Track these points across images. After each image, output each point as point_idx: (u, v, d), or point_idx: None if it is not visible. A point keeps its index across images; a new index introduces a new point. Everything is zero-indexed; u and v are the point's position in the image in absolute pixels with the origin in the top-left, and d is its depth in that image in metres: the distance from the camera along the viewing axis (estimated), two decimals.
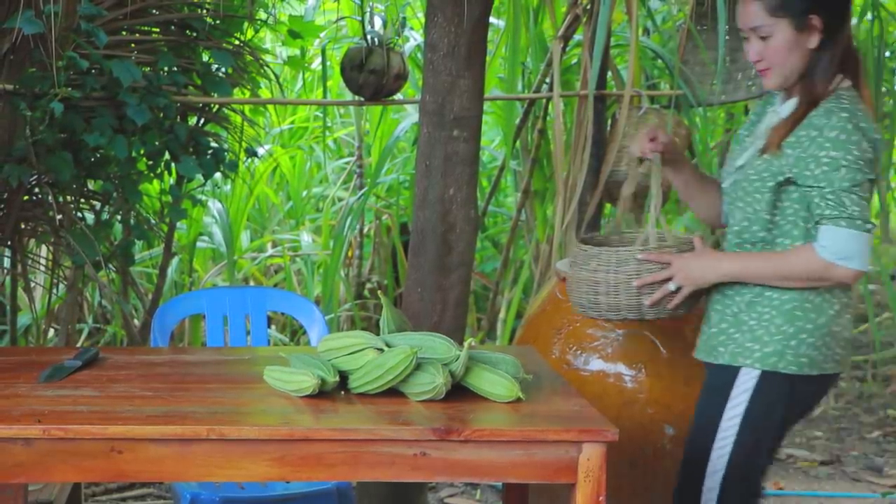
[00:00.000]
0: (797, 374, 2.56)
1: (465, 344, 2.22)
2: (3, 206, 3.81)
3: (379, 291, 2.44)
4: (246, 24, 4.18)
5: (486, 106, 4.83)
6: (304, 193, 6.46)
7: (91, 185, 4.11)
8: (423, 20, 3.95)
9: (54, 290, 4.35)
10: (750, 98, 5.10)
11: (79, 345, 4.60)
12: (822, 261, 2.49)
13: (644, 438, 3.25)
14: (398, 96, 4.63)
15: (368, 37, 4.17)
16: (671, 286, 2.63)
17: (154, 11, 4.00)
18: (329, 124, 6.21)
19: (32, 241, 4.25)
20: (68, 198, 3.93)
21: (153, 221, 4.32)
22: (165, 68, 3.83)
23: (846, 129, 2.51)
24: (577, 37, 5.13)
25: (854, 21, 6.33)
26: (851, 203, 2.48)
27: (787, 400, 2.60)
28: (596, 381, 3.24)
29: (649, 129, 2.80)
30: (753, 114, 2.84)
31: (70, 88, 3.58)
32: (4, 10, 3.62)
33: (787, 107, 2.64)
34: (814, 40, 2.56)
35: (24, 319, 4.62)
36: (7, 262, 4.18)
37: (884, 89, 5.35)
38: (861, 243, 2.50)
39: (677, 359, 3.28)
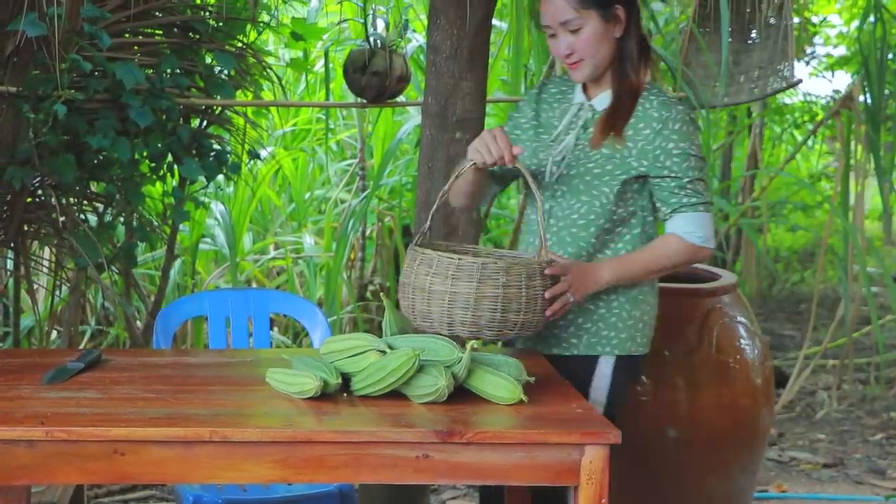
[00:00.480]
0: (642, 353, 2.75)
1: (468, 346, 2.22)
2: (6, 208, 3.82)
3: (381, 294, 2.44)
4: (249, 27, 4.18)
5: (489, 108, 4.83)
6: (307, 195, 6.47)
7: (94, 187, 4.11)
8: (425, 22, 3.95)
9: (57, 292, 4.36)
10: (752, 100, 5.11)
11: (81, 347, 4.60)
12: (691, 246, 2.66)
13: (647, 441, 3.25)
14: (401, 98, 4.63)
15: (371, 39, 4.17)
16: (570, 297, 2.56)
17: (157, 14, 4.01)
18: (331, 126, 6.21)
19: (35, 243, 4.25)
20: (71, 200, 3.93)
21: (156, 223, 4.32)
22: (168, 70, 3.83)
23: (686, 120, 2.67)
24: None
25: (856, 23, 6.32)
26: (703, 189, 2.68)
27: (634, 378, 2.83)
28: None
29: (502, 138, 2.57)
30: (529, 106, 2.86)
31: (73, 91, 3.58)
32: (8, 13, 3.63)
33: (602, 100, 2.73)
34: (619, 30, 2.68)
35: (27, 321, 4.62)
36: (10, 265, 4.19)
37: (886, 92, 5.34)
38: (713, 224, 2.73)
39: (680, 361, 3.28)
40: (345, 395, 2.24)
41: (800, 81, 4.98)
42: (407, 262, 2.49)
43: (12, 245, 3.97)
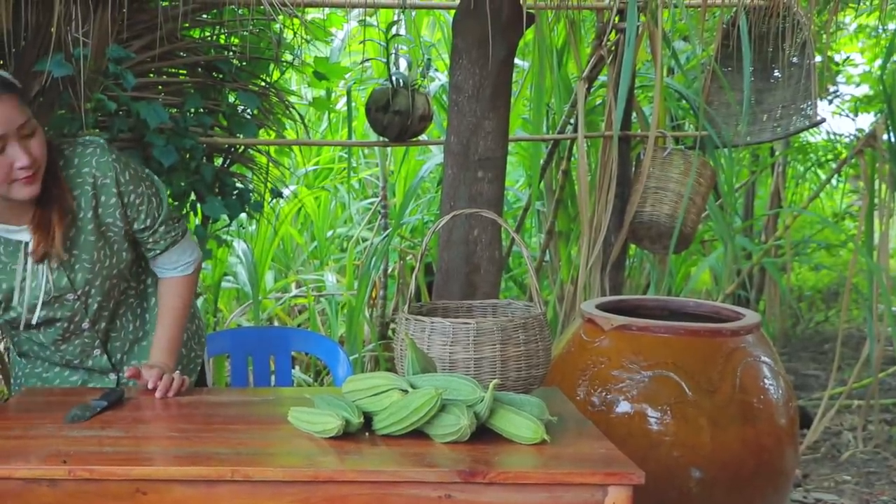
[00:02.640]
0: None
1: (490, 385, 2.22)
2: None
3: (404, 332, 2.44)
4: (272, 66, 4.21)
5: (511, 146, 4.84)
6: (329, 234, 6.48)
7: None
8: (448, 61, 3.97)
9: None
10: (775, 139, 5.11)
11: None
12: (189, 277, 2.78)
13: (670, 482, 3.23)
14: (423, 137, 4.65)
15: (393, 78, 4.19)
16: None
17: (182, 54, 4.04)
18: (354, 165, 6.24)
19: None
20: None
21: None
22: (192, 110, 3.86)
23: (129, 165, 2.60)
24: (602, 78, 5.15)
25: (879, 62, 6.32)
26: (173, 222, 2.72)
27: None
28: (621, 424, 3.22)
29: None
30: None
31: (98, 130, 3.61)
32: (35, 54, 3.67)
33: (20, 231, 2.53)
34: None
35: None
36: None
37: None
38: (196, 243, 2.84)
39: (703, 401, 3.25)
40: (367, 434, 2.24)
41: (823, 120, 4.97)
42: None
43: None
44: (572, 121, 5.15)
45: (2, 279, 2.56)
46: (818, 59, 5.32)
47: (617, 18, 4.75)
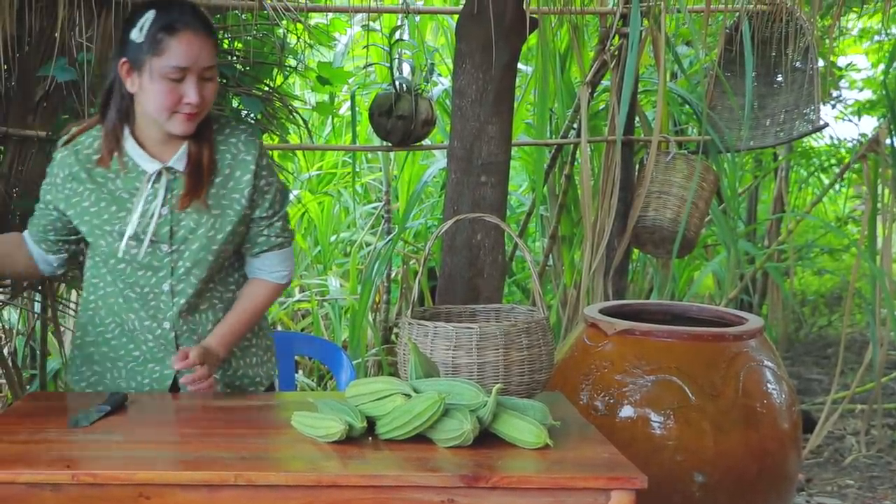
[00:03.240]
0: None
1: (493, 390, 2.22)
2: None
3: (407, 337, 2.44)
4: (275, 71, 4.22)
5: (514, 151, 4.84)
6: (332, 238, 6.49)
7: None
8: (451, 66, 3.97)
9: None
10: (778, 143, 5.11)
11: None
12: (276, 286, 2.78)
13: (673, 486, 3.23)
14: (426, 142, 4.65)
15: (397, 83, 4.20)
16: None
17: None
18: (357, 169, 6.24)
19: (63, 285, 4.28)
20: None
21: None
22: None
23: (268, 155, 2.68)
24: (605, 82, 5.16)
25: (882, 66, 6.32)
26: (287, 224, 2.75)
27: None
28: (624, 428, 3.22)
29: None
30: (74, 178, 2.64)
31: None
32: (39, 58, 3.67)
33: (180, 158, 2.60)
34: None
35: (53, 364, 4.64)
36: (38, 307, 4.21)
37: None
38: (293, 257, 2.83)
39: (706, 405, 3.25)
40: (370, 438, 2.24)
41: (826, 125, 4.97)
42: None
43: (40, 288, 3.99)
44: (575, 125, 5.15)
45: (114, 200, 2.60)
46: (821, 63, 5.32)
47: (620, 23, 4.75)
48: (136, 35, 2.50)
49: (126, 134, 2.59)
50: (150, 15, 2.49)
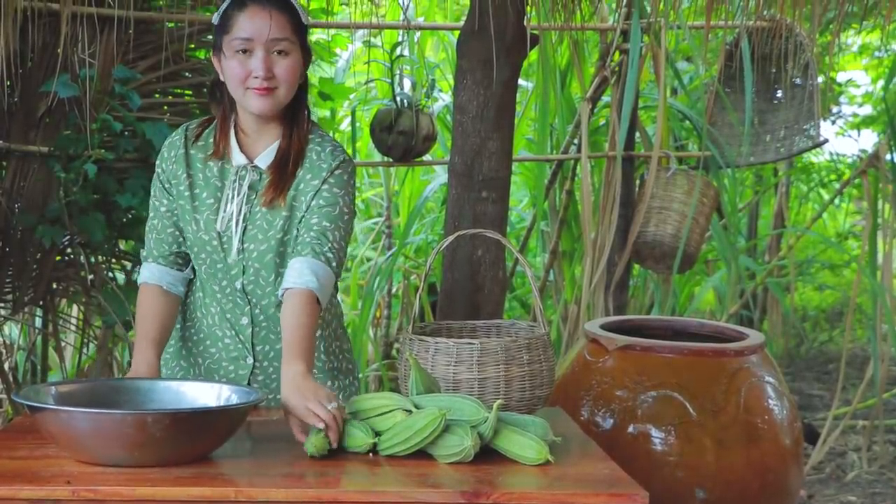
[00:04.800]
0: None
1: (494, 406, 2.22)
2: (35, 266, 3.85)
3: (408, 352, 2.44)
4: None
5: (515, 167, 4.85)
6: None
7: (123, 245, 4.15)
8: (451, 82, 3.98)
9: (85, 350, 4.37)
10: (778, 159, 5.12)
11: None
12: (313, 296, 2.46)
13: (674, 502, 3.22)
14: (427, 157, 4.66)
15: (398, 98, 4.21)
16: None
17: (187, 74, 4.06)
18: (358, 185, 6.24)
19: (64, 301, 4.29)
20: (100, 258, 3.96)
21: None
22: None
23: (349, 170, 2.59)
24: (605, 98, 5.17)
25: (882, 82, 6.32)
26: (341, 251, 2.55)
27: None
28: (625, 444, 3.22)
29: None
30: (173, 175, 2.64)
31: (103, 150, 3.63)
32: (41, 74, 3.69)
33: (268, 154, 2.58)
34: (302, 75, 2.57)
35: (54, 378, 4.64)
36: (39, 322, 4.21)
37: None
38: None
39: (707, 421, 3.25)
40: (371, 454, 2.24)
41: (826, 141, 4.99)
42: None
43: (41, 303, 4.00)
44: (576, 141, 5.16)
45: (206, 187, 2.59)
46: (821, 79, 5.33)
47: (620, 39, 4.76)
48: (215, 18, 2.52)
49: (231, 125, 2.60)
50: None
